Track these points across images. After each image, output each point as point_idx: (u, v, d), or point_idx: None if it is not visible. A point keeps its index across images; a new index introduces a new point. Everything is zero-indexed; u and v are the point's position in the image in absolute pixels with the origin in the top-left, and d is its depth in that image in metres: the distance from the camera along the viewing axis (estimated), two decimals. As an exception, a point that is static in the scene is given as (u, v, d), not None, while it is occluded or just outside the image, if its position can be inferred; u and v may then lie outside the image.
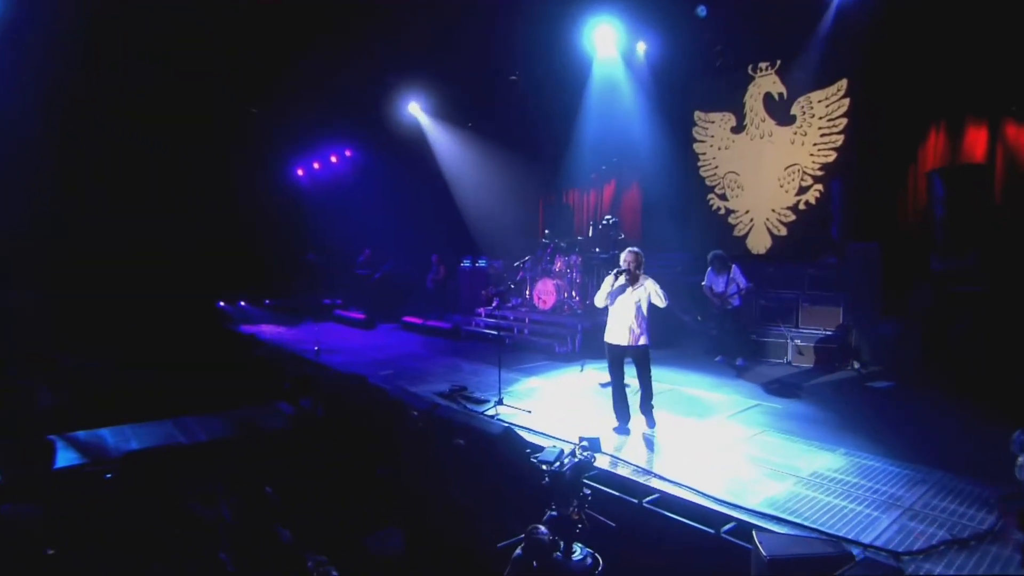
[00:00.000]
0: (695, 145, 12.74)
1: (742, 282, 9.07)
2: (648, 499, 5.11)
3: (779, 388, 8.02)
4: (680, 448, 5.99)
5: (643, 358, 6.30)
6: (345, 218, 16.95)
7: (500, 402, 7.23)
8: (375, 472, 6.95)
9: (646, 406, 6.39)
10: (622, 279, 6.17)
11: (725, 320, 9.33)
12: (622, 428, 6.54)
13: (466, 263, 14.10)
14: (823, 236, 10.66)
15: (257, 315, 14.79)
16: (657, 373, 8.12)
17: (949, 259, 8.28)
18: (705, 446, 6.04)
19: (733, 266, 9.17)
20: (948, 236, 8.42)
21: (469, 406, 7.34)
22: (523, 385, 8.44)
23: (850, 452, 5.77)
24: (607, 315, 6.46)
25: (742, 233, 12.03)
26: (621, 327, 6.26)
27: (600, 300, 6.31)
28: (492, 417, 6.92)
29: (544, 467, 4.90)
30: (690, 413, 7.12)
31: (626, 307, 6.25)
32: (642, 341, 6.24)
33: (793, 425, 6.61)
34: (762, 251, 11.55)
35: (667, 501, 5.03)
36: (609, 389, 6.59)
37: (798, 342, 9.40)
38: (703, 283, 9.46)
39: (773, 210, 11.57)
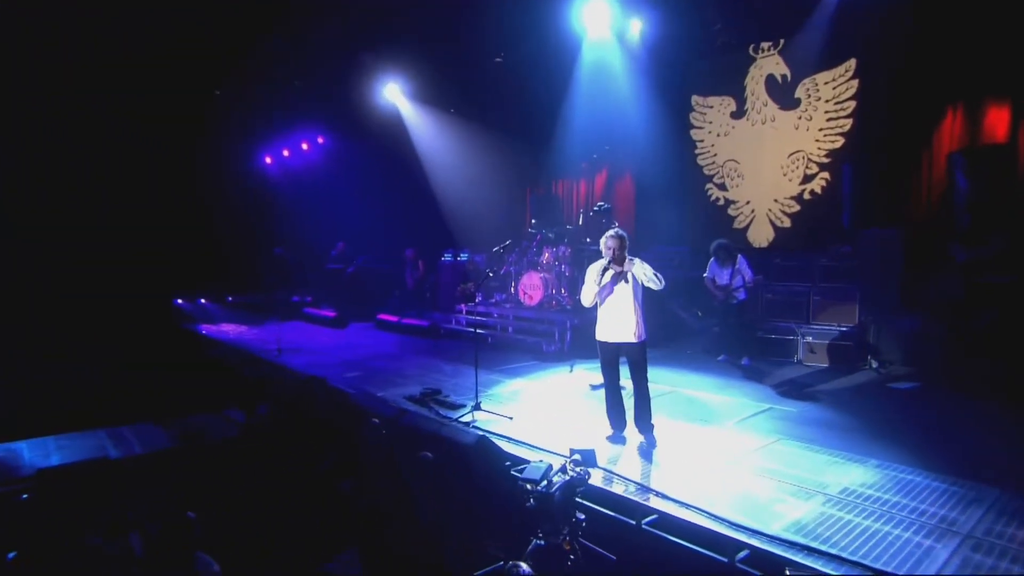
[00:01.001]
0: (692, 132, 12.34)
1: (748, 274, 8.54)
2: (648, 520, 4.38)
3: (791, 390, 7.39)
4: (683, 460, 5.27)
5: (639, 357, 5.59)
6: (317, 209, 16.37)
7: (477, 407, 6.50)
8: (336, 488, 6.19)
9: (643, 413, 5.67)
10: (611, 272, 5.45)
11: (729, 316, 8.79)
12: (617, 436, 5.81)
13: (447, 257, 13.56)
14: (832, 225, 10.14)
15: (218, 313, 14.18)
16: (655, 374, 7.61)
17: (973, 247, 7.68)
18: (712, 457, 5.32)
19: (739, 257, 8.65)
20: (972, 222, 7.84)
21: (442, 412, 6.61)
22: (506, 388, 7.78)
23: (884, 464, 5.02)
24: (596, 310, 5.76)
25: (742, 225, 11.60)
26: (613, 322, 5.56)
27: (588, 299, 5.61)
28: (467, 424, 6.18)
29: (528, 487, 4.16)
30: (693, 418, 6.43)
31: (618, 298, 5.56)
32: (638, 337, 5.53)
33: (812, 432, 5.90)
34: (764, 244, 11.12)
35: (670, 523, 4.32)
36: (601, 391, 5.90)
37: (809, 339, 8.82)
38: (705, 275, 8.94)
39: (776, 200, 11.14)
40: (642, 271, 5.45)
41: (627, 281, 5.50)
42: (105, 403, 7.66)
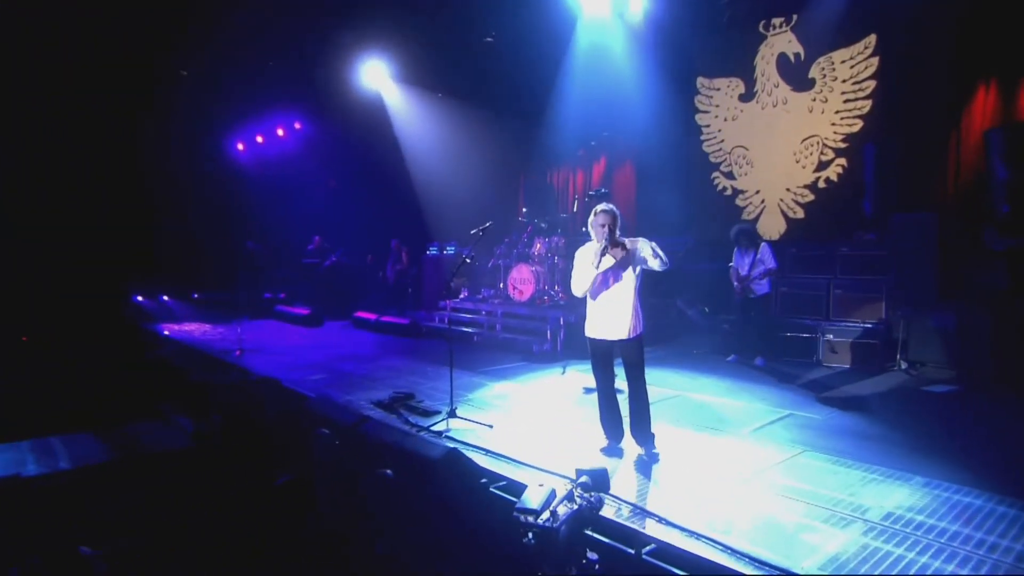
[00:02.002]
0: (698, 116, 11.92)
1: (770, 263, 7.92)
2: (648, 549, 3.64)
3: (812, 394, 6.71)
4: (689, 476, 4.54)
5: (636, 355, 4.86)
6: (293, 200, 15.78)
7: (452, 414, 5.79)
8: (294, 510, 5.46)
9: (641, 421, 4.94)
10: (609, 258, 4.70)
11: (749, 310, 8.17)
12: (612, 448, 5.08)
13: (432, 250, 13.09)
14: (851, 214, 9.59)
15: (182, 311, 13.64)
16: (658, 376, 7.25)
17: (1013, 234, 6.99)
18: (724, 473, 4.58)
19: (763, 245, 8.06)
20: (1011, 205, 7.13)
21: (412, 419, 5.87)
22: (489, 391, 7.10)
23: (932, 482, 4.27)
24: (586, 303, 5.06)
25: (752, 216, 11.11)
26: (606, 315, 4.84)
27: (581, 287, 4.85)
28: (439, 435, 5.44)
29: (524, 518, 3.43)
30: (702, 426, 5.72)
31: (614, 289, 4.83)
32: (633, 331, 4.81)
33: (841, 443, 5.17)
34: (775, 237, 10.62)
35: (674, 554, 3.56)
36: (596, 395, 5.15)
37: (830, 337, 8.21)
38: (731, 264, 8.32)
39: (788, 189, 10.70)
40: (648, 249, 4.72)
41: (623, 267, 4.77)
42: (36, 410, 6.89)
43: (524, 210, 10.86)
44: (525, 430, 5.64)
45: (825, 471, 4.59)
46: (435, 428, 5.59)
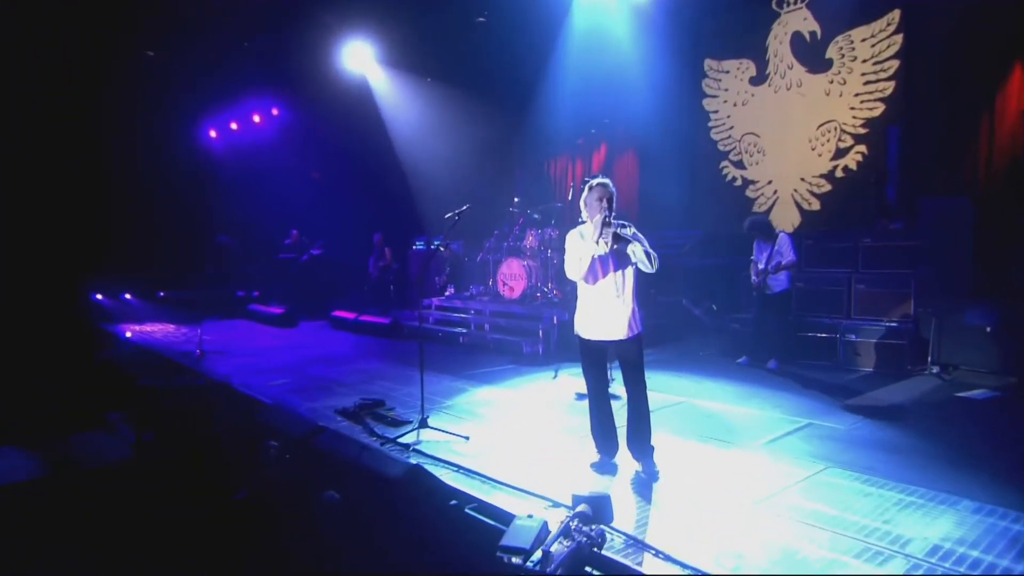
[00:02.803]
0: (705, 101, 11.66)
1: (789, 255, 7.46)
2: (645, 587, 3.11)
3: (834, 400, 6.18)
4: (694, 498, 4.01)
5: (634, 356, 4.37)
6: (270, 191, 15.33)
7: (424, 424, 5.26)
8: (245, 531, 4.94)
9: (639, 432, 4.42)
10: (610, 234, 4.15)
11: (765, 308, 7.72)
12: (605, 463, 4.54)
13: (419, 245, 12.82)
14: (875, 202, 9.13)
15: (145, 311, 13.18)
16: (661, 381, 6.88)
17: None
18: (735, 493, 4.03)
19: (781, 236, 7.62)
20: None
21: (379, 429, 5.35)
22: (471, 397, 6.63)
23: (982, 508, 3.72)
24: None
25: (764, 208, 10.79)
26: (601, 311, 4.35)
27: (579, 269, 4.33)
28: (407, 447, 4.90)
29: (509, 558, 3.01)
30: (708, 437, 5.20)
31: (613, 279, 4.35)
32: (632, 330, 4.33)
33: (869, 457, 4.62)
34: (788, 231, 9.98)
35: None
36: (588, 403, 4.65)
37: (852, 337, 7.69)
38: (751, 257, 7.87)
39: (802, 179, 10.40)
40: (640, 249, 4.22)
41: (623, 257, 4.31)
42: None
43: (516, 200, 10.38)
44: (507, 442, 5.13)
45: (853, 492, 4.03)
46: (403, 440, 5.06)
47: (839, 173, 9.90)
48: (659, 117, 11.53)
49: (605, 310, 4.34)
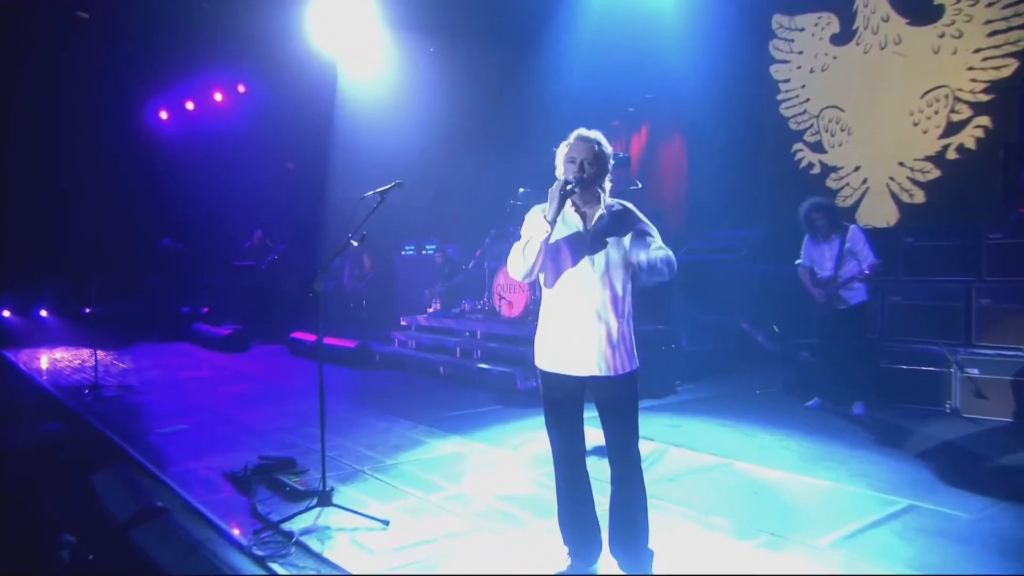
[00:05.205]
0: (773, 68, 11.13)
1: (868, 254, 6.90)
2: None
3: (948, 467, 5.34)
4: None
5: (622, 405, 3.51)
6: (234, 185, 15.28)
7: (327, 499, 4.53)
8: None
9: (628, 525, 3.53)
10: (574, 215, 3.52)
11: (838, 328, 7.18)
12: (577, 568, 3.59)
13: (409, 250, 12.69)
14: (1004, 186, 8.47)
15: (62, 331, 12.98)
16: (694, 429, 6.50)
17: None
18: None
19: (852, 229, 7.16)
20: None
21: (267, 505, 4.65)
22: (427, 454, 6.02)
23: None
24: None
25: (850, 202, 10.24)
26: (569, 328, 3.50)
27: (521, 265, 3.51)
28: (290, 538, 4.06)
29: None
30: (752, 527, 4.22)
31: (583, 279, 3.49)
32: (620, 364, 3.46)
33: (1012, 570, 3.60)
34: (883, 226, 9.82)
35: None
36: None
37: (973, 372, 6.97)
38: (798, 262, 7.54)
39: (901, 164, 9.74)
40: (640, 243, 3.45)
41: (602, 244, 3.50)
42: None
43: (521, 190, 9.91)
44: (452, 533, 4.27)
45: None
46: (288, 526, 4.25)
47: (951, 154, 9.14)
48: (713, 91, 11.11)
49: (577, 328, 3.44)
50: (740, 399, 7.89)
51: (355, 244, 4.74)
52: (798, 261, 7.57)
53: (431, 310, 10.95)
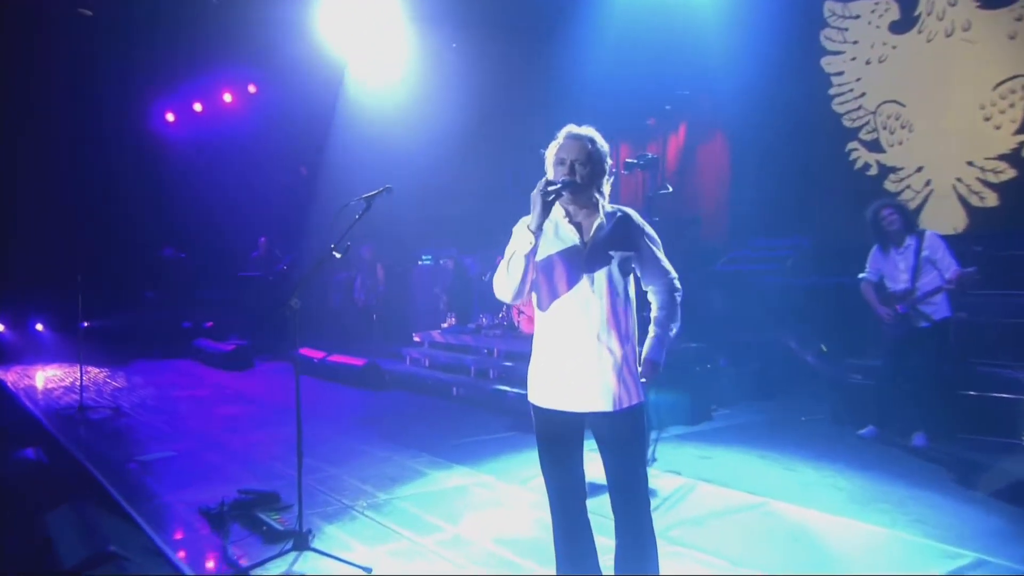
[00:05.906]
0: (825, 61, 11.02)
1: (951, 262, 6.53)
2: None
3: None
4: None
5: (627, 443, 3.31)
6: (237, 191, 15.41)
7: (304, 543, 4.36)
8: None
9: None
10: (569, 227, 3.35)
11: (915, 348, 6.79)
12: None
13: (426, 260, 12.77)
14: None
15: (58, 346, 13.07)
16: (728, 460, 6.34)
17: None
18: None
19: (929, 235, 6.76)
20: None
21: (239, 547, 4.49)
22: (427, 487, 5.84)
23: None
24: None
25: (911, 206, 9.96)
26: (565, 357, 3.31)
27: (506, 284, 3.33)
28: None
29: None
30: None
31: (581, 300, 3.29)
32: (627, 397, 3.24)
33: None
34: (949, 233, 9.50)
35: None
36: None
37: None
38: (862, 275, 7.17)
39: (971, 164, 9.59)
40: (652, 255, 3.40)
41: (603, 259, 3.31)
42: None
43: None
44: None
45: None
46: (259, 573, 4.09)
47: (1028, 152, 9.08)
48: (758, 86, 10.89)
49: (576, 356, 3.22)
50: (782, 427, 7.68)
51: (338, 256, 4.52)
52: (862, 275, 7.20)
53: (446, 325, 10.94)
